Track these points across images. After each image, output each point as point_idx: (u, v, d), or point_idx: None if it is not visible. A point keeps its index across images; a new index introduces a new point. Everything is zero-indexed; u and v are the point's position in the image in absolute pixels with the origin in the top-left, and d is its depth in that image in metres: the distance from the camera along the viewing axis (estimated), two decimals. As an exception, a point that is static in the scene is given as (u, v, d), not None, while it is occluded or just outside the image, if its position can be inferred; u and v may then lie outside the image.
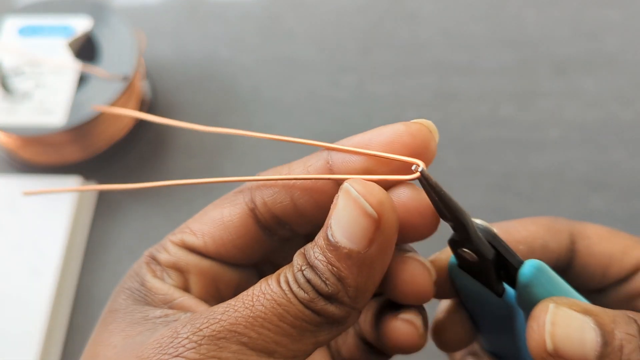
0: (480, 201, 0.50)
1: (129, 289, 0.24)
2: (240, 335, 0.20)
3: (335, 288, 0.21)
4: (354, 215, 0.20)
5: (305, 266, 0.21)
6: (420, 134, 0.23)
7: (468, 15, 0.58)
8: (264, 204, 0.24)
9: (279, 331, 0.20)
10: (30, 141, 0.49)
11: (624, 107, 0.53)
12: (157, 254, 0.25)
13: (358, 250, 0.20)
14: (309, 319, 0.21)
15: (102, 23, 0.52)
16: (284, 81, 0.56)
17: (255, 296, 0.21)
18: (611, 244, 0.28)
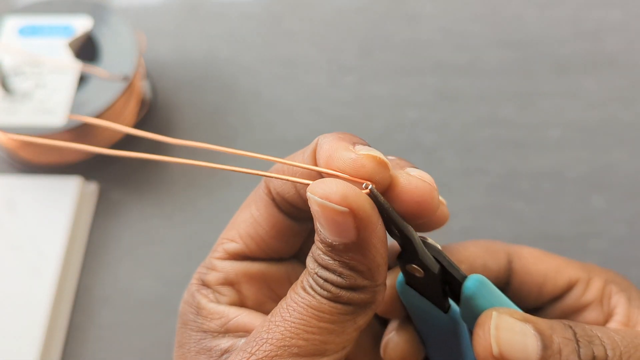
0: (480, 201, 0.50)
1: (187, 322, 0.25)
2: (290, 347, 0.21)
3: (351, 279, 0.22)
4: (329, 217, 0.21)
5: (318, 268, 0.22)
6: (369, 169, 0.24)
7: (468, 15, 0.58)
8: (278, 194, 0.26)
9: (323, 331, 0.22)
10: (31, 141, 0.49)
11: (624, 107, 0.53)
12: (205, 276, 0.26)
13: (351, 241, 0.21)
14: (343, 311, 0.22)
15: (102, 23, 0.52)
16: (284, 81, 0.56)
17: (290, 307, 0.22)
18: (545, 263, 0.30)
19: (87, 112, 0.48)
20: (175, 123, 0.55)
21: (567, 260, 0.31)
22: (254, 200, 0.26)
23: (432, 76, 0.55)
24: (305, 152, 0.25)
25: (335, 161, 0.23)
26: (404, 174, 0.24)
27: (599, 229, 0.48)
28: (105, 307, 0.47)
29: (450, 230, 0.48)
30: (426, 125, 0.53)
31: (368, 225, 0.22)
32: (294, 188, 0.25)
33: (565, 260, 0.31)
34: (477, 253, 0.30)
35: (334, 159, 0.23)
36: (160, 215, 0.51)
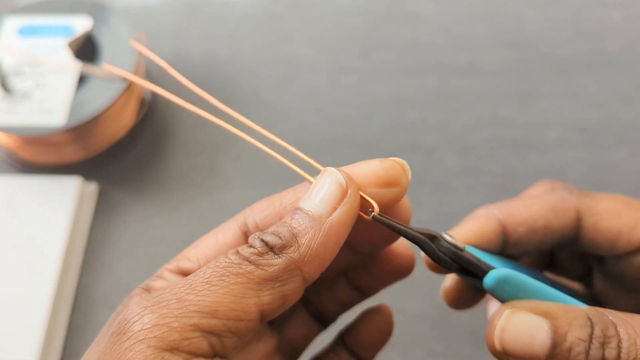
0: (480, 201, 0.50)
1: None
2: (180, 301, 0.20)
3: (287, 241, 0.21)
4: (326, 185, 0.22)
5: (261, 233, 0.22)
6: (392, 170, 0.25)
7: (468, 16, 0.58)
8: (256, 226, 0.25)
9: (223, 290, 0.21)
10: (31, 141, 0.49)
11: (624, 107, 0.53)
12: (152, 282, 0.25)
13: (320, 214, 0.22)
14: (252, 274, 0.21)
15: (102, 23, 0.52)
16: (284, 81, 0.56)
17: (202, 269, 0.22)
18: (620, 219, 0.29)
19: (87, 112, 0.48)
20: (175, 123, 0.55)
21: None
22: (224, 229, 0.26)
23: (432, 76, 0.55)
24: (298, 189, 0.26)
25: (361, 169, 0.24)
26: None
27: (598, 229, 0.48)
28: (105, 307, 0.47)
29: (450, 230, 0.48)
30: (426, 125, 0.53)
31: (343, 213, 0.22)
32: (277, 220, 0.24)
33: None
34: (540, 213, 0.29)
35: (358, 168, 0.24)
36: (160, 215, 0.51)
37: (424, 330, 0.45)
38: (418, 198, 0.50)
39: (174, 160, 0.53)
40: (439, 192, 0.50)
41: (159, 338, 0.20)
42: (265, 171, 0.52)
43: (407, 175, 0.26)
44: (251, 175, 0.52)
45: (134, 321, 0.20)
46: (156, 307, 0.20)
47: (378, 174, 0.24)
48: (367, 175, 0.24)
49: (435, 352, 0.44)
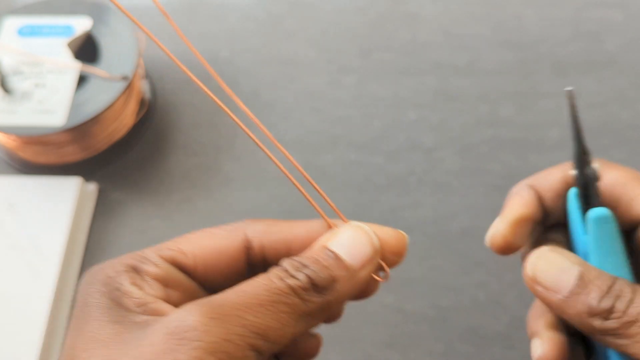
0: (480, 201, 0.50)
1: (102, 290, 0.24)
2: (241, 319, 0.22)
3: (328, 284, 0.24)
4: (362, 241, 0.25)
5: (302, 266, 0.24)
6: (403, 241, 0.28)
7: (468, 16, 0.58)
8: (261, 247, 0.27)
9: (274, 317, 0.23)
10: (30, 141, 0.49)
11: (624, 107, 0.53)
12: (142, 265, 0.25)
13: (354, 268, 0.25)
14: (297, 306, 0.23)
15: (102, 23, 0.52)
16: (284, 81, 0.56)
17: (255, 285, 0.23)
18: (621, 190, 0.30)
19: (87, 112, 0.48)
20: (175, 123, 0.55)
21: None
22: (228, 238, 0.27)
23: (432, 76, 0.55)
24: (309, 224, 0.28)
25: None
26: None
27: (598, 229, 0.48)
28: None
29: (450, 231, 0.49)
30: (426, 125, 0.53)
31: (368, 271, 0.25)
32: (285, 248, 0.26)
33: None
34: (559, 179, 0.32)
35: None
36: (160, 215, 0.51)
37: (424, 330, 0.45)
38: (418, 198, 0.50)
39: (174, 160, 0.53)
40: (439, 192, 0.50)
41: (225, 352, 0.22)
42: (266, 171, 0.52)
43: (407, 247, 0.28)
44: (251, 175, 0.52)
45: (202, 330, 0.22)
46: (221, 320, 0.22)
47: (394, 244, 0.27)
48: (385, 242, 0.27)
49: (435, 352, 0.44)
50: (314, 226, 0.27)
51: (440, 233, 0.49)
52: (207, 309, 0.22)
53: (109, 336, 0.23)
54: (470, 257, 0.48)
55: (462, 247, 0.48)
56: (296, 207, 0.50)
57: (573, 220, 0.31)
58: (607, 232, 0.29)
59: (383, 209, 0.50)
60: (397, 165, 0.51)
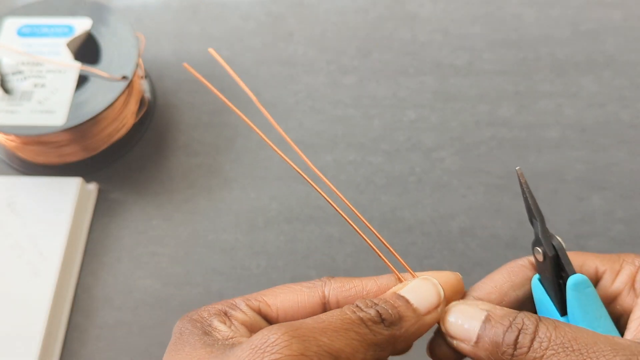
0: (480, 201, 0.50)
1: (196, 325, 0.28)
2: (317, 340, 0.25)
3: (395, 319, 0.27)
4: (429, 290, 0.29)
5: (373, 304, 0.27)
6: (461, 282, 0.31)
7: (468, 16, 0.58)
8: (337, 302, 0.30)
9: (346, 341, 0.26)
10: (30, 141, 0.49)
11: (624, 107, 0.53)
12: (231, 311, 0.29)
13: (420, 311, 0.28)
14: (366, 335, 0.26)
15: (102, 23, 0.52)
16: (284, 81, 0.56)
17: (330, 315, 0.27)
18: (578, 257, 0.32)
19: (87, 112, 0.48)
20: (175, 123, 0.55)
21: (598, 255, 0.32)
22: (308, 294, 0.30)
23: (431, 76, 0.55)
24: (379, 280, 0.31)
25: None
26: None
27: (598, 229, 0.48)
28: (105, 307, 0.47)
29: (450, 231, 0.49)
30: (426, 125, 0.53)
31: (434, 317, 0.29)
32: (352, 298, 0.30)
33: (595, 255, 0.32)
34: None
35: None
36: (160, 215, 0.51)
37: (424, 330, 0.45)
38: (418, 198, 0.50)
39: (174, 160, 0.53)
40: (439, 192, 0.50)
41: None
42: (266, 171, 0.52)
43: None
44: (251, 175, 0.52)
45: (283, 345, 0.24)
46: (301, 339, 0.25)
47: (454, 284, 0.30)
48: (447, 284, 0.30)
49: (435, 352, 0.44)
50: (384, 281, 0.30)
51: (440, 233, 0.49)
52: (288, 329, 0.25)
53: (202, 354, 0.26)
54: (470, 257, 0.48)
55: (462, 247, 0.48)
56: (296, 207, 0.50)
57: (543, 305, 0.31)
58: (589, 296, 0.29)
59: (383, 209, 0.50)
60: (397, 165, 0.51)
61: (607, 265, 0.31)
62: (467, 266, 0.47)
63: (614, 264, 0.31)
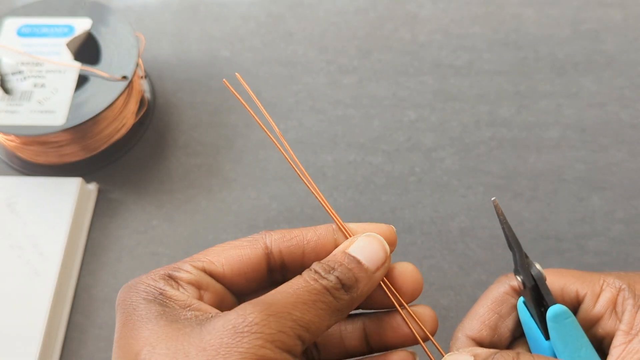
0: (480, 201, 0.50)
1: (147, 298, 0.28)
2: (291, 314, 0.26)
3: (353, 284, 0.28)
4: (376, 248, 0.30)
5: (331, 269, 0.29)
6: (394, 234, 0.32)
7: (468, 16, 0.58)
8: (280, 253, 0.31)
9: (314, 313, 0.27)
10: (30, 141, 0.49)
11: (624, 107, 0.53)
12: (176, 273, 0.29)
13: (372, 270, 0.29)
14: (331, 304, 0.28)
15: (102, 23, 0.52)
16: (283, 81, 0.56)
17: (295, 286, 0.28)
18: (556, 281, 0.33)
19: (87, 112, 0.48)
20: (175, 123, 0.55)
21: (579, 275, 0.32)
22: (251, 247, 0.31)
23: (431, 76, 0.55)
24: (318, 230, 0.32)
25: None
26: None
27: (598, 229, 0.48)
28: (104, 307, 0.47)
29: (450, 230, 0.49)
30: (426, 125, 0.53)
31: (382, 272, 0.30)
32: (300, 252, 0.31)
33: (576, 276, 0.32)
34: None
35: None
36: (160, 215, 0.51)
37: (424, 330, 0.45)
38: (418, 198, 0.50)
39: (174, 160, 0.53)
40: (438, 192, 0.50)
41: (282, 342, 0.26)
42: (266, 171, 0.52)
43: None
44: (251, 175, 0.52)
45: (262, 324, 0.26)
46: (276, 317, 0.26)
47: (391, 240, 0.31)
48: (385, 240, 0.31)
49: (435, 352, 0.44)
50: (322, 231, 0.31)
51: (440, 233, 0.49)
52: (263, 307, 0.26)
53: (170, 332, 0.26)
54: (470, 257, 0.48)
55: (462, 247, 0.48)
56: (296, 207, 0.50)
57: (530, 329, 0.32)
58: (569, 326, 0.30)
59: (383, 209, 0.50)
60: (397, 165, 0.51)
61: (587, 288, 0.32)
62: (467, 266, 0.47)
63: (594, 286, 0.32)
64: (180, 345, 0.26)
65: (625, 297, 0.31)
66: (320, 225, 0.32)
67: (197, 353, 0.25)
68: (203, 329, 0.26)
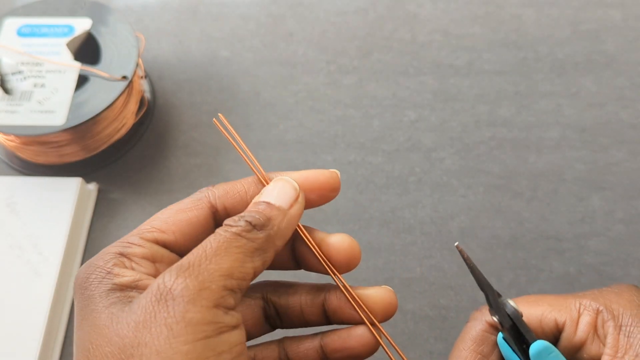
0: (480, 201, 0.50)
1: (96, 280, 0.28)
2: (207, 268, 0.26)
3: (265, 222, 0.29)
4: (285, 188, 0.30)
5: (240, 217, 0.29)
6: (337, 179, 0.32)
7: (467, 16, 0.58)
8: (225, 209, 0.31)
9: (231, 258, 0.27)
10: (30, 141, 0.49)
11: (624, 107, 0.53)
12: (127, 249, 0.29)
13: (284, 207, 0.30)
14: (246, 245, 0.28)
15: (102, 23, 0.52)
16: (283, 81, 0.56)
17: (207, 243, 0.27)
18: (533, 310, 0.32)
19: (87, 112, 0.48)
20: (175, 123, 0.55)
21: (554, 302, 0.32)
22: (196, 209, 0.31)
23: (431, 76, 0.55)
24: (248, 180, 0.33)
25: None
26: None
27: (598, 229, 0.48)
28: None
29: (450, 231, 0.49)
30: (426, 125, 0.53)
31: (297, 208, 0.30)
32: (244, 207, 0.31)
33: (552, 303, 0.32)
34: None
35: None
36: (160, 215, 0.50)
37: (424, 330, 0.45)
38: (418, 198, 0.50)
39: (174, 160, 0.53)
40: (438, 192, 0.50)
41: (206, 298, 0.25)
42: (265, 171, 0.52)
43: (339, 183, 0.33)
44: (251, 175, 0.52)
45: (181, 289, 0.25)
46: (194, 275, 0.26)
47: (326, 180, 0.32)
48: (319, 181, 0.32)
49: (435, 352, 0.44)
50: (260, 187, 0.32)
51: (440, 233, 0.49)
52: (178, 270, 0.26)
53: (105, 321, 0.26)
54: (470, 257, 0.48)
55: (462, 247, 0.48)
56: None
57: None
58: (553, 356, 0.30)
59: (383, 209, 0.50)
60: (397, 165, 0.51)
61: (565, 315, 0.31)
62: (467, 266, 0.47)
63: (571, 312, 0.31)
64: (113, 333, 0.25)
65: (604, 319, 0.30)
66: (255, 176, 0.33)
67: (133, 335, 0.25)
68: (129, 309, 0.26)
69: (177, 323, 0.25)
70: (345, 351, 0.32)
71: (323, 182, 0.32)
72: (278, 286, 0.33)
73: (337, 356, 0.32)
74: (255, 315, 0.33)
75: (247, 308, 0.33)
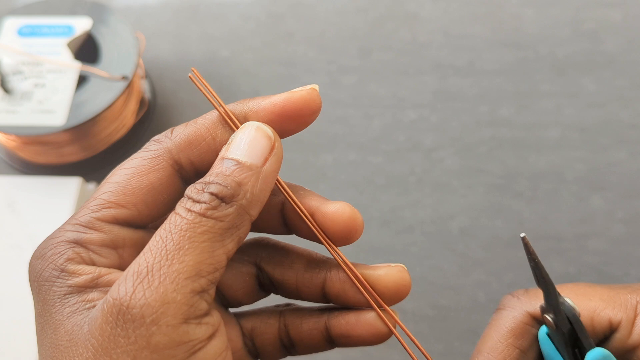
0: (480, 201, 0.50)
1: (50, 280, 0.23)
2: (168, 275, 0.21)
3: (235, 190, 0.23)
4: (258, 137, 0.24)
5: (205, 185, 0.23)
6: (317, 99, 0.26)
7: (468, 16, 0.58)
8: (191, 164, 0.25)
9: (197, 251, 0.22)
10: (30, 141, 0.49)
11: (624, 107, 0.53)
12: (85, 236, 0.24)
13: (256, 165, 0.24)
14: (214, 228, 0.22)
15: (102, 23, 0.52)
16: (283, 81, 0.56)
17: (164, 234, 0.22)
18: (586, 305, 0.29)
19: (87, 112, 0.48)
20: (175, 123, 0.55)
21: (608, 297, 0.29)
22: (155, 170, 0.25)
23: (431, 76, 0.55)
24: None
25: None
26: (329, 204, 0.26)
27: (598, 229, 0.48)
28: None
29: (450, 231, 0.49)
30: (426, 125, 0.53)
31: (274, 162, 0.24)
32: (214, 157, 0.25)
33: (605, 298, 0.29)
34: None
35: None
36: (160, 215, 0.50)
37: (424, 330, 0.45)
38: (418, 198, 0.50)
39: (173, 160, 0.53)
40: (439, 192, 0.50)
41: (172, 315, 0.21)
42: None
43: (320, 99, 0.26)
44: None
45: (140, 306, 0.21)
46: (154, 286, 0.21)
47: (310, 105, 0.26)
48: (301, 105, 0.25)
49: (435, 352, 0.44)
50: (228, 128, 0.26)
51: (440, 233, 0.49)
52: (135, 279, 0.21)
53: (66, 342, 0.22)
54: (470, 257, 0.48)
55: (462, 247, 0.48)
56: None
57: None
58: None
59: (383, 209, 0.50)
60: (397, 165, 0.51)
61: (620, 314, 0.28)
62: (467, 266, 0.47)
63: (627, 312, 0.28)
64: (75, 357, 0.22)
65: None
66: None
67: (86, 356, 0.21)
68: (91, 325, 0.22)
69: (140, 350, 0.21)
70: (352, 338, 0.27)
71: (302, 107, 0.25)
72: (272, 252, 0.28)
73: (344, 342, 0.27)
74: (247, 284, 0.28)
75: (238, 276, 0.28)
